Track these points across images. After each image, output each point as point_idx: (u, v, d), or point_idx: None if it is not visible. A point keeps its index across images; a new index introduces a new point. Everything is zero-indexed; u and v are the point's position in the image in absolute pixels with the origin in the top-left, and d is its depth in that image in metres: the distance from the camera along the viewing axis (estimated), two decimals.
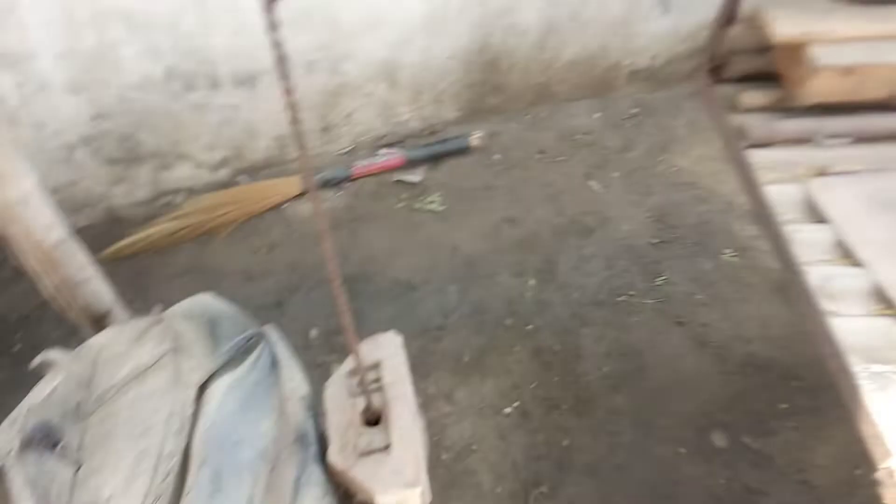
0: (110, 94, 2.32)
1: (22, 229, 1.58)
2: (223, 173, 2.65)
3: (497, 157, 2.65)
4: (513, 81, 2.74)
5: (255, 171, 2.67)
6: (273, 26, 0.79)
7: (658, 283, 2.19)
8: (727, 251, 2.22)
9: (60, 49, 2.16)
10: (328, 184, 2.60)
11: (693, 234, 2.28)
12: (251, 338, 1.50)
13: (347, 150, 2.71)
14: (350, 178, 2.59)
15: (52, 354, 1.51)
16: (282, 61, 0.81)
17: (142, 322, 1.58)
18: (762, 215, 1.36)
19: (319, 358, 2.06)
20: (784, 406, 1.84)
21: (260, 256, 2.43)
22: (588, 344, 2.04)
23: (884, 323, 1.17)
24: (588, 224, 2.35)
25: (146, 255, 2.44)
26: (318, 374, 1.63)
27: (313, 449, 1.33)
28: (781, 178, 1.39)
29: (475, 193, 2.52)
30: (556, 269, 2.22)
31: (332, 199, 2.57)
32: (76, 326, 1.80)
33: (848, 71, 1.46)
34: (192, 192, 2.63)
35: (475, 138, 2.65)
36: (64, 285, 1.70)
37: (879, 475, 1.01)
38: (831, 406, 1.77)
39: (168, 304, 2.37)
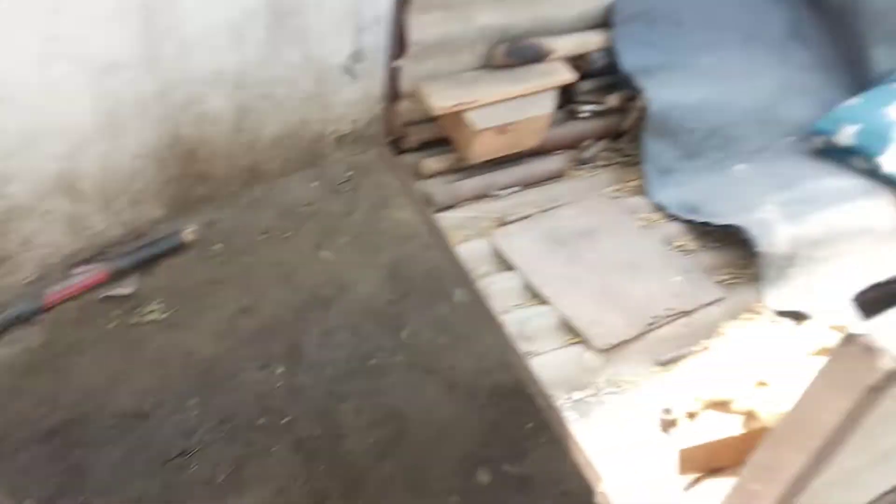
0: None
1: None
2: None
3: (218, 247, 2.51)
4: (217, 168, 2.62)
5: None
6: None
7: (403, 337, 2.25)
8: (458, 291, 2.35)
9: None
10: (17, 321, 2.21)
11: (426, 282, 2.39)
12: None
13: (32, 278, 2.34)
14: (43, 309, 2.24)
15: None
16: None
17: None
18: (461, 275, 1.47)
19: None
20: (531, 424, 2.00)
21: None
22: (349, 420, 2.02)
23: (575, 351, 1.33)
24: (326, 296, 2.34)
25: None
26: None
27: None
28: (470, 236, 1.52)
29: (200, 290, 2.35)
30: (302, 350, 2.17)
31: (25, 338, 2.20)
32: None
33: (502, 129, 1.65)
34: None
35: (188, 233, 2.49)
36: None
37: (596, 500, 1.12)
38: None
39: None
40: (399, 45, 1.77)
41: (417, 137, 1.77)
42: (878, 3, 1.85)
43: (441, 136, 1.75)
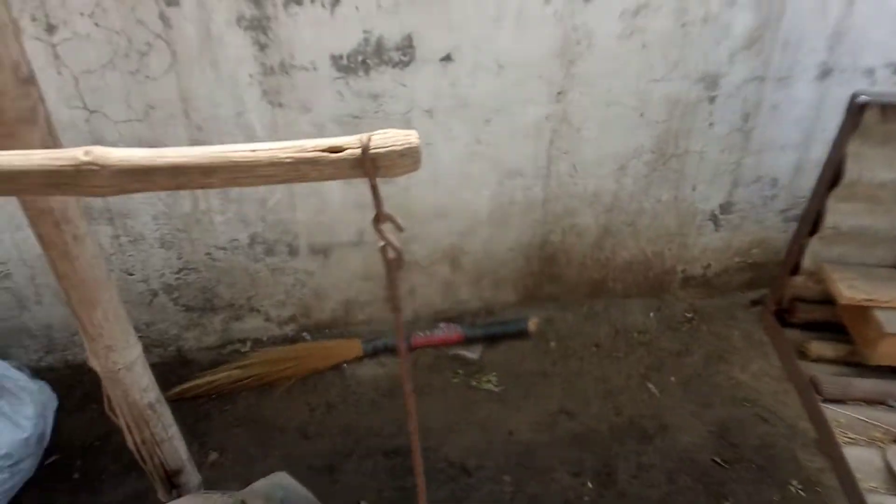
0: (198, 251, 2.51)
1: (122, 390, 1.67)
2: (290, 328, 2.77)
3: (553, 344, 2.74)
4: (570, 274, 2.89)
5: (320, 329, 2.79)
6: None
7: None
8: (794, 483, 2.14)
9: (158, 211, 2.38)
10: (388, 349, 2.69)
11: (757, 458, 2.24)
12: None
13: (407, 320, 2.83)
14: (409, 347, 2.69)
15: None
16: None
17: (223, 498, 1.62)
18: (847, 482, 1.40)
19: None
20: None
21: (316, 415, 2.47)
22: None
23: None
24: (646, 429, 2.36)
25: (208, 398, 2.50)
26: None
27: None
28: (859, 440, 1.45)
29: (531, 378, 2.58)
30: (615, 474, 2.20)
31: (391, 365, 2.65)
32: (142, 470, 1.83)
33: None
34: (258, 343, 2.74)
35: (532, 323, 2.77)
36: (147, 441, 1.76)
37: None
38: None
39: (224, 453, 2.41)
40: (813, 224, 1.81)
41: (806, 315, 1.76)
42: None
43: (831, 321, 1.72)
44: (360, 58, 2.18)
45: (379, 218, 0.77)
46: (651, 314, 2.87)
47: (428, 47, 2.22)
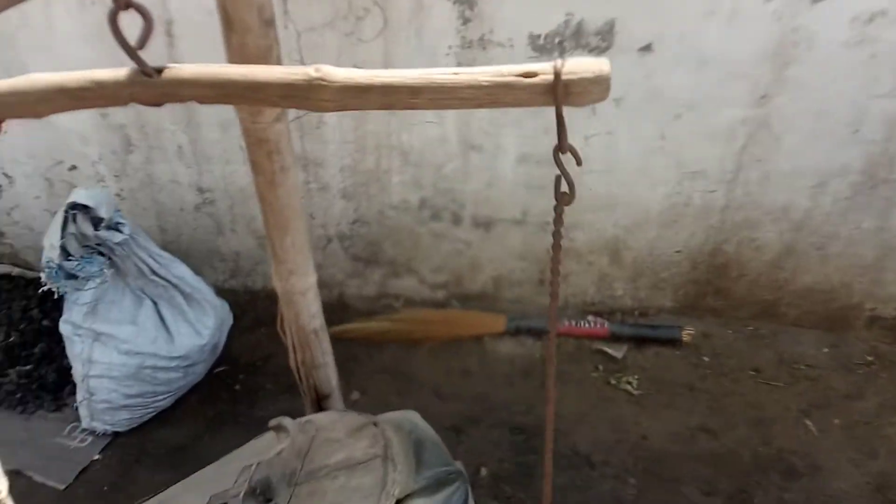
0: (373, 207, 2.69)
1: (294, 312, 1.85)
2: (440, 294, 2.89)
3: (706, 359, 2.59)
4: (738, 290, 2.71)
5: (468, 300, 2.87)
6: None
7: None
8: None
9: (345, 164, 2.58)
10: (531, 331, 2.71)
11: None
12: (451, 473, 1.58)
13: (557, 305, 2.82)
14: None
15: (284, 421, 1.71)
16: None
17: (358, 417, 1.74)
18: None
19: (482, 501, 2.08)
20: None
21: (452, 379, 2.56)
22: None
23: None
24: (795, 465, 2.17)
25: (358, 343, 2.70)
26: None
27: None
28: None
29: (675, 389, 2.47)
30: (751, 502, 2.06)
31: (531, 347, 2.68)
32: (297, 392, 2.03)
33: None
34: (409, 301, 2.89)
35: (687, 333, 2.63)
36: (306, 364, 1.94)
37: None
38: None
39: (365, 394, 2.58)
40: None
41: None
42: None
43: None
44: (557, 39, 2.21)
45: (561, 148, 0.79)
46: (825, 349, 2.61)
47: (629, 35, 2.18)
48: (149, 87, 0.83)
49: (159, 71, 0.83)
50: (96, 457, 2.33)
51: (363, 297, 2.91)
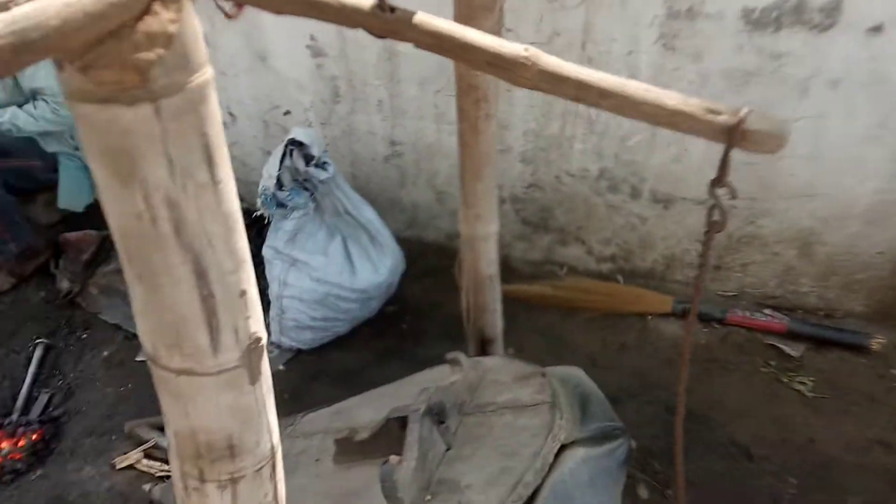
0: (550, 172, 2.74)
1: (473, 258, 1.97)
2: (606, 267, 2.89)
3: (894, 371, 2.37)
4: None
5: (635, 276, 2.85)
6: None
7: None
8: None
9: (529, 128, 2.64)
10: (699, 316, 2.63)
11: None
12: (616, 429, 1.63)
13: (730, 294, 2.71)
14: (722, 322, 2.59)
15: (459, 356, 1.85)
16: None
17: (526, 367, 1.83)
18: None
19: (630, 473, 2.09)
20: None
21: (608, 351, 2.57)
22: None
23: None
24: None
25: (518, 303, 2.78)
26: (623, 490, 1.69)
27: None
28: None
29: (855, 398, 2.29)
30: None
31: (696, 331, 2.60)
32: (458, 340, 2.16)
33: None
34: (573, 270, 2.92)
35: (876, 341, 2.42)
36: (476, 307, 2.06)
37: None
38: None
39: (520, 352, 2.67)
40: None
41: None
42: None
43: None
44: (774, 14, 2.09)
45: (720, 182, 0.82)
46: None
47: (857, 13, 2.01)
48: (380, 19, 0.93)
49: (393, 9, 0.93)
50: (280, 367, 2.65)
51: (528, 260, 2.99)
